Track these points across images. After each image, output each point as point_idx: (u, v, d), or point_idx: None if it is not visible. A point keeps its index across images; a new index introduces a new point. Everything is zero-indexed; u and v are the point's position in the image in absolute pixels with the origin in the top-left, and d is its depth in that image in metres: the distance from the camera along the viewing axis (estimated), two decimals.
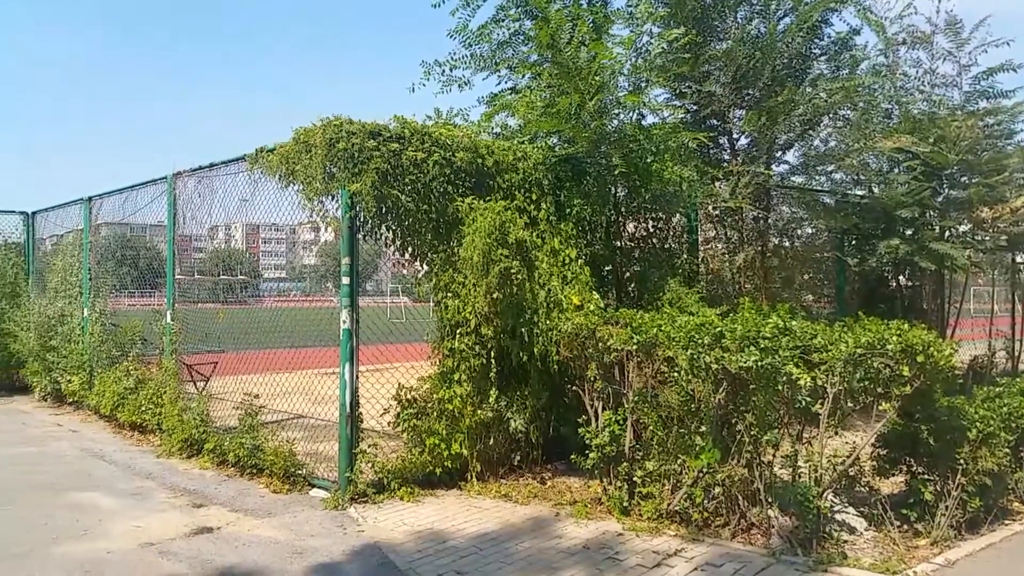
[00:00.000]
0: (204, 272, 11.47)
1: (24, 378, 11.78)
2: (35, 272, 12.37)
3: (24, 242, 12.82)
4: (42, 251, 12.70)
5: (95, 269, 10.19)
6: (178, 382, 8.20)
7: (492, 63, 7.92)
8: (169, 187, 8.37)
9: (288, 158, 6.32)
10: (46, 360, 10.86)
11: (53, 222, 12.13)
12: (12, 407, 11.03)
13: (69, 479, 6.86)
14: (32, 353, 11.21)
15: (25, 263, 12.64)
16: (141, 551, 4.98)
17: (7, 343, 11.78)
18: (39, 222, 12.69)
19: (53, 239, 12.50)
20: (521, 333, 6.35)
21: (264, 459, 6.61)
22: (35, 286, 12.08)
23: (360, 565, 4.74)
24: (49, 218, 12.26)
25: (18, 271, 12.49)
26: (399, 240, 6.35)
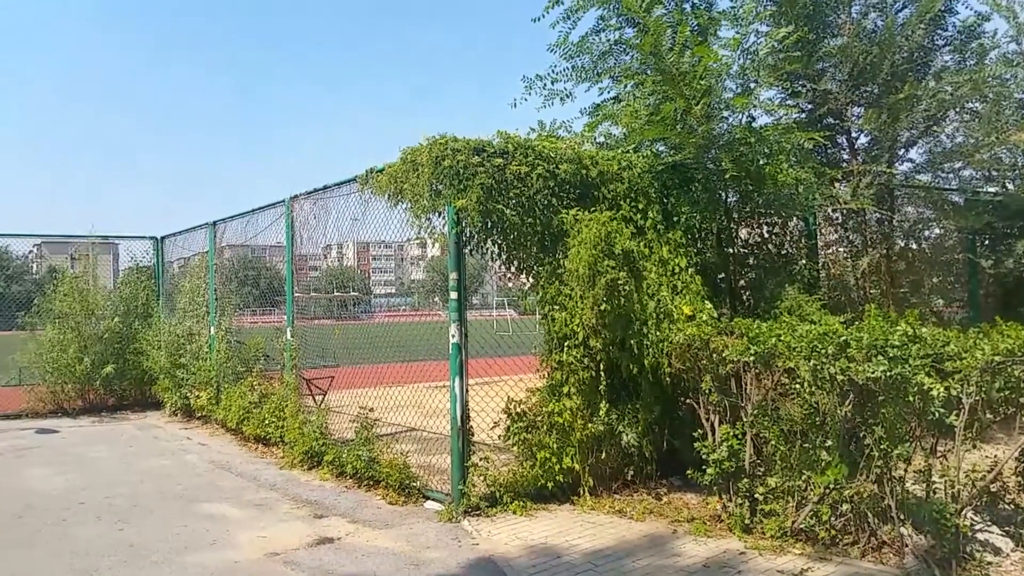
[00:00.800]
0: (319, 290, 11.99)
1: (156, 394, 12.62)
2: (165, 293, 13.28)
3: (154, 265, 13.80)
4: (170, 273, 13.61)
5: (220, 289, 10.83)
6: (298, 396, 8.60)
7: (594, 74, 7.94)
8: (287, 209, 8.82)
9: (396, 177, 6.53)
10: (176, 376, 11.61)
11: (180, 246, 13.00)
12: (146, 421, 11.85)
13: (199, 490, 7.29)
14: (163, 370, 12.01)
15: (155, 285, 13.59)
16: (267, 561, 5.22)
17: (140, 361, 12.67)
18: (167, 246, 13.62)
19: (180, 262, 13.39)
20: (631, 345, 6.30)
21: (380, 471, 6.82)
22: (165, 307, 12.96)
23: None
24: (177, 242, 13.15)
25: (149, 293, 13.45)
26: (505, 254, 6.45)
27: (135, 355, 12.72)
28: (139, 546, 5.56)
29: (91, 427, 11.44)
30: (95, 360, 12.50)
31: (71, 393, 12.67)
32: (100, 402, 12.89)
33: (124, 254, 14.48)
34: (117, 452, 9.34)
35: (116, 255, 18.17)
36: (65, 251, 15.07)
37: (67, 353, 12.37)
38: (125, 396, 13.07)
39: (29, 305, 13.56)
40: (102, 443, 9.99)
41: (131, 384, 12.97)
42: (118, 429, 11.20)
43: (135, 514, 6.44)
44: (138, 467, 8.41)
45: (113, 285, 14.76)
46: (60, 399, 12.64)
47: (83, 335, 12.61)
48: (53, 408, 12.59)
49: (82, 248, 14.14)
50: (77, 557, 5.31)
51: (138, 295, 13.29)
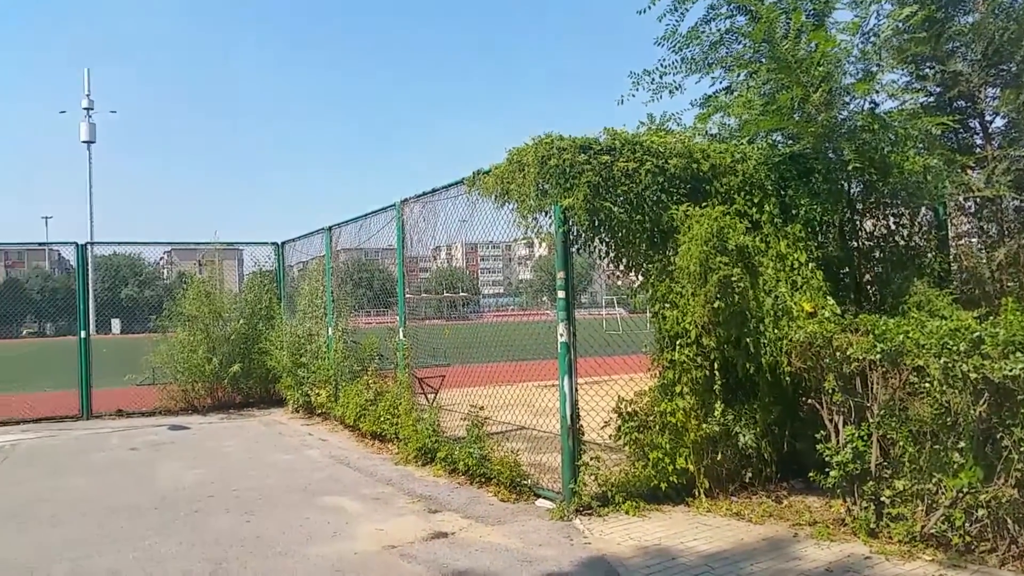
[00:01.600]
0: (429, 291, 12.34)
1: (279, 391, 13.35)
2: (286, 296, 14.01)
3: (276, 269, 14.58)
4: (291, 277, 14.35)
5: (336, 292, 11.34)
6: (411, 394, 8.90)
7: (704, 65, 7.82)
8: (398, 213, 9.15)
9: (502, 178, 6.66)
10: (297, 375, 12.24)
11: (300, 250, 13.69)
12: (270, 418, 12.54)
13: (320, 484, 7.66)
14: (285, 369, 12.68)
15: (277, 288, 14.36)
16: (384, 553, 5.43)
17: (264, 360, 13.42)
18: (287, 251, 14.37)
19: (299, 265, 14.09)
20: (746, 343, 6.19)
21: (491, 468, 6.98)
22: (286, 308, 13.68)
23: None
24: (296, 247, 13.85)
25: (271, 296, 14.23)
26: (613, 252, 6.46)
27: (260, 355, 13.50)
28: (265, 537, 5.89)
29: (220, 423, 12.22)
30: (223, 360, 13.35)
31: (201, 391, 13.58)
32: (228, 400, 13.75)
33: (248, 259, 15.42)
34: (244, 447, 9.94)
35: (240, 260, 19.35)
36: (193, 257, 16.13)
37: (196, 354, 13.26)
38: (251, 394, 13.90)
39: (161, 309, 14.61)
40: (230, 439, 10.66)
41: (256, 382, 13.78)
42: (245, 425, 11.92)
43: (261, 506, 6.83)
44: (263, 461, 8.92)
45: (238, 289, 15.70)
46: (191, 397, 13.57)
47: (211, 336, 13.49)
48: (184, 406, 13.52)
49: (209, 254, 15.12)
50: (208, 547, 5.68)
51: (261, 298, 14.09)
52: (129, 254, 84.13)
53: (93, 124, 44.13)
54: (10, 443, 10.76)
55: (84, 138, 45.11)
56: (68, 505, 7.03)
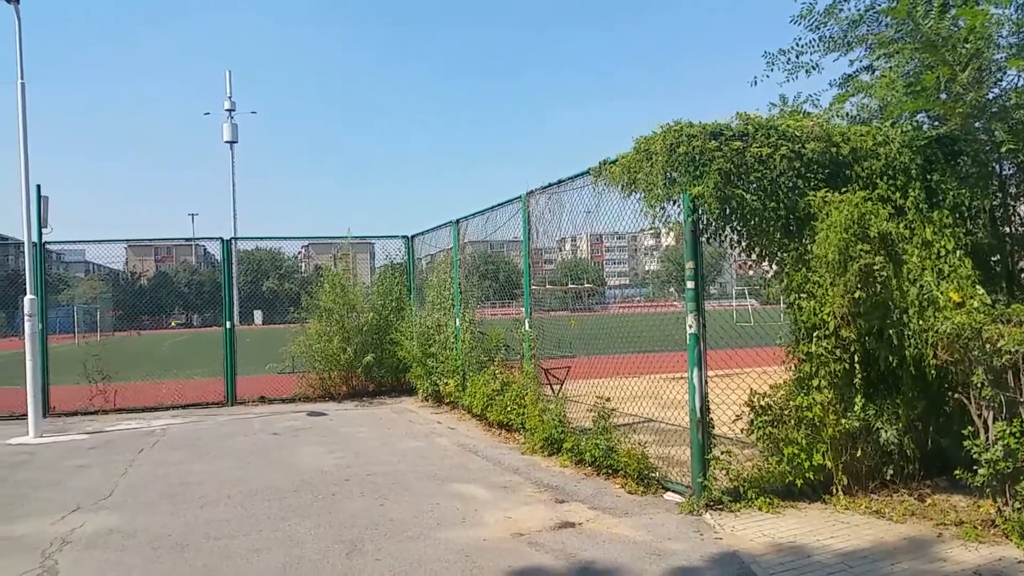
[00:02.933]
0: (554, 282, 12.49)
1: (409, 381, 13.92)
2: (415, 288, 14.55)
3: (405, 262, 15.16)
4: (419, 269, 14.89)
5: (463, 283, 11.68)
6: (537, 385, 9.08)
7: (843, 43, 7.51)
8: (523, 205, 9.33)
9: (630, 167, 6.68)
10: (427, 365, 12.72)
11: (428, 243, 14.17)
12: (401, 406, 13.10)
13: (449, 471, 7.97)
14: (415, 359, 13.20)
15: (407, 280, 14.93)
16: (512, 540, 5.60)
17: (395, 350, 14.03)
18: (416, 244, 14.91)
19: (427, 258, 14.60)
20: (889, 335, 5.96)
21: (618, 460, 7.05)
22: (416, 300, 14.22)
23: (719, 573, 4.84)
24: (425, 240, 14.34)
25: (401, 288, 14.83)
26: (745, 241, 6.37)
27: (391, 345, 14.12)
28: (398, 521, 6.19)
29: (354, 410, 12.88)
30: (356, 350, 14.07)
31: (336, 380, 14.37)
32: (361, 388, 14.47)
33: (379, 252, 16.11)
34: (377, 434, 10.45)
35: (372, 253, 20.21)
36: (329, 251, 16.96)
37: (332, 344, 14.03)
38: (383, 383, 14.57)
39: (299, 301, 15.51)
40: (364, 425, 11.23)
41: (388, 372, 14.44)
42: (377, 413, 12.51)
43: (394, 491, 7.18)
44: (395, 448, 9.36)
45: (370, 281, 16.43)
46: (327, 385, 14.37)
47: (345, 327, 14.22)
48: (321, 393, 14.34)
49: (343, 248, 15.90)
50: (344, 529, 6.03)
51: (392, 290, 14.72)
52: (270, 248, 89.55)
53: (235, 125, 47.26)
54: (162, 427, 11.77)
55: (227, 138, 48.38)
56: (215, 487, 7.63)
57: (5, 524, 6.51)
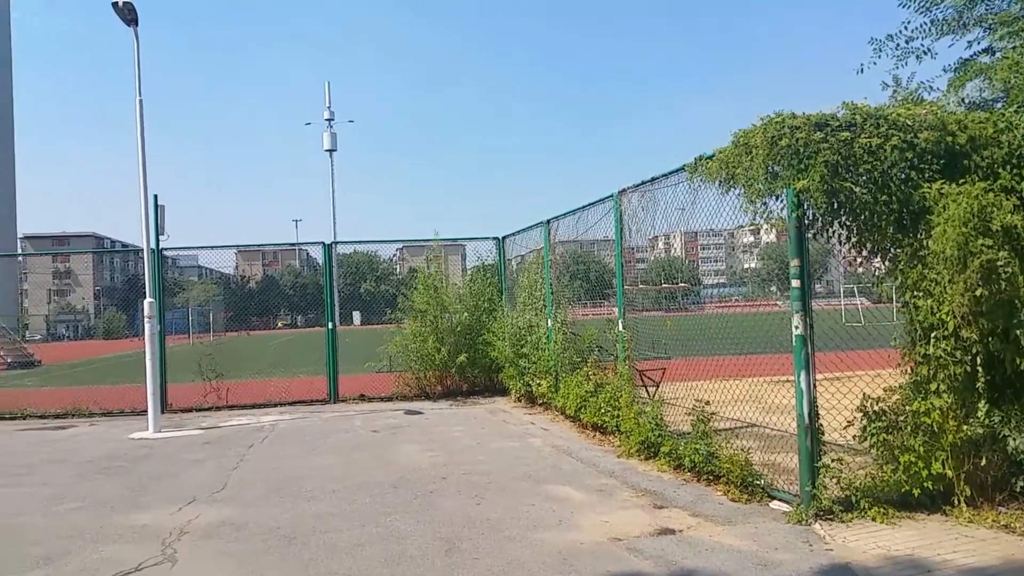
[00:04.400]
0: (647, 282, 12.18)
1: (502, 381, 13.86)
2: (506, 288, 14.50)
3: (497, 263, 15.13)
4: (510, 270, 14.83)
5: (555, 284, 11.53)
6: (632, 387, 8.83)
7: (958, 25, 6.99)
8: (615, 204, 9.11)
9: (728, 162, 6.39)
10: (519, 365, 12.63)
11: (519, 244, 14.09)
12: (495, 406, 13.05)
13: (544, 472, 7.83)
14: (507, 359, 13.13)
15: (498, 281, 14.89)
16: (610, 545, 5.41)
17: (488, 351, 14.00)
18: (507, 245, 14.85)
19: (518, 259, 14.53)
20: (1016, 336, 5.45)
21: (720, 466, 6.74)
22: (507, 301, 14.16)
23: None
24: (516, 241, 14.27)
25: (493, 288, 14.80)
26: (854, 236, 5.98)
27: (484, 345, 14.10)
28: (494, 520, 6.10)
29: (449, 410, 12.92)
30: (450, 350, 14.12)
31: (432, 379, 14.47)
32: (455, 387, 14.53)
33: (471, 253, 16.17)
34: (471, 433, 10.42)
35: (464, 255, 20.34)
36: (422, 253, 17.17)
37: (427, 344, 14.14)
38: (476, 383, 14.58)
39: (395, 302, 15.73)
40: (459, 424, 11.23)
41: (481, 372, 14.44)
42: (471, 412, 12.50)
43: (489, 491, 7.10)
44: (489, 447, 9.29)
45: (462, 282, 16.50)
46: (423, 384, 14.50)
47: (439, 328, 14.31)
48: (417, 392, 14.47)
49: (435, 250, 16.02)
50: (443, 526, 5.99)
51: (484, 291, 14.72)
52: (367, 252, 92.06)
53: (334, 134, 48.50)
54: (270, 423, 12.10)
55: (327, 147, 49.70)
56: (320, 482, 7.75)
57: (131, 513, 6.79)
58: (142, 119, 12.18)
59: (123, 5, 11.81)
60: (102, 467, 9.01)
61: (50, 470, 8.95)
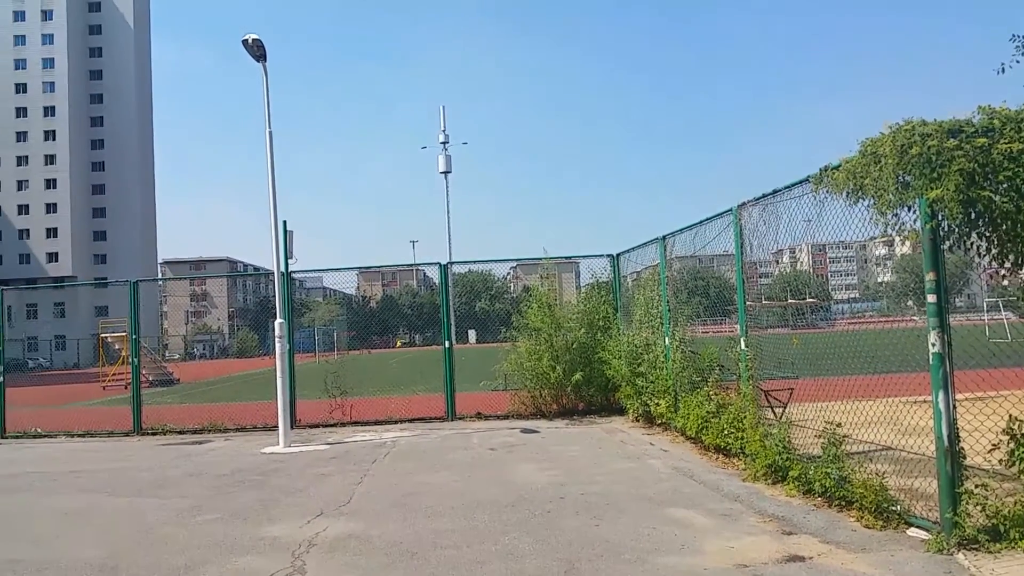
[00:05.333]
0: (771, 297, 11.85)
1: (619, 400, 13.78)
2: (622, 306, 14.43)
3: (612, 280, 15.09)
4: (625, 287, 14.75)
5: (672, 300, 11.40)
6: (756, 408, 8.60)
7: None
8: (734, 218, 8.93)
9: (855, 172, 6.17)
10: (636, 384, 12.52)
11: (634, 261, 14.02)
12: (611, 426, 12.98)
13: (664, 494, 7.72)
14: (624, 378, 13.05)
15: (613, 299, 14.84)
16: (734, 571, 5.27)
17: (604, 369, 13.94)
18: (622, 262, 14.79)
19: (633, 276, 14.45)
20: None
21: (852, 491, 6.46)
22: (622, 318, 14.08)
23: None
24: (631, 257, 14.20)
25: (608, 306, 14.75)
26: (996, 248, 5.62)
27: (599, 364, 14.06)
28: (613, 543, 6.07)
29: (565, 429, 12.96)
30: (565, 368, 14.17)
31: (547, 398, 14.56)
32: (571, 406, 14.56)
33: (584, 271, 16.20)
34: (588, 453, 10.42)
35: (577, 272, 20.42)
36: (535, 272, 17.40)
37: (542, 362, 14.24)
38: (592, 401, 14.55)
39: (509, 320, 15.95)
40: (575, 444, 11.24)
41: (597, 391, 14.39)
42: (588, 432, 12.49)
43: (608, 512, 7.07)
44: (607, 468, 9.25)
45: (576, 300, 16.55)
46: (538, 403, 14.60)
47: (554, 346, 14.39)
48: (533, 411, 14.58)
49: (549, 268, 16.16)
50: (561, 547, 6.00)
51: (599, 308, 14.69)
52: (481, 271, 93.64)
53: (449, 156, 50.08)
54: (391, 439, 12.52)
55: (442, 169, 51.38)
56: (439, 498, 7.95)
57: (263, 526, 7.19)
58: (272, 150, 12.98)
59: (252, 42, 12.67)
60: (236, 480, 9.58)
61: (189, 483, 9.60)
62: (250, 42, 12.65)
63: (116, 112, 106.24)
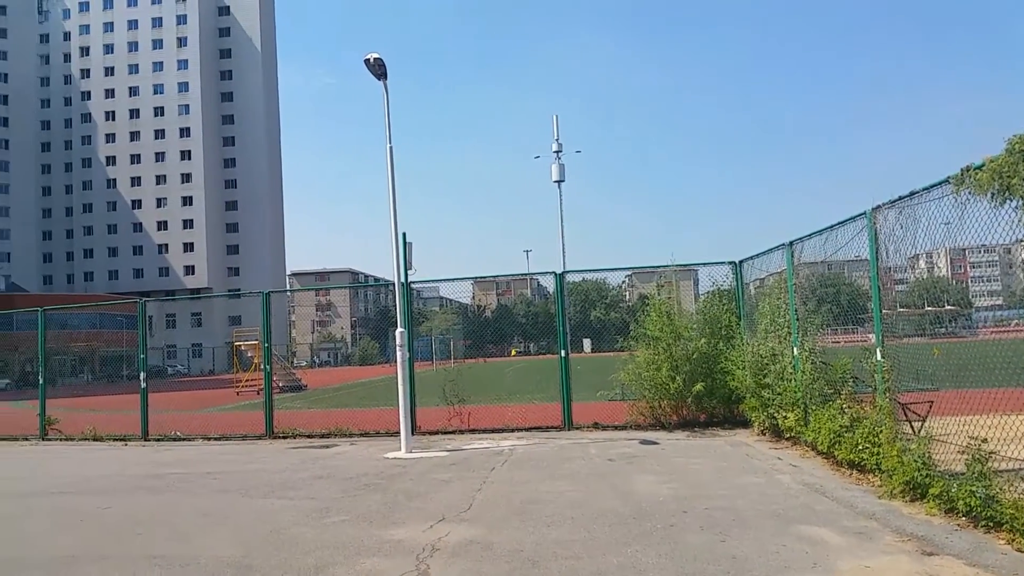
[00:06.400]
0: (907, 305, 11.26)
1: (743, 412, 13.42)
2: (745, 315, 14.06)
3: (734, 288, 14.72)
4: (748, 295, 14.37)
5: (800, 309, 11.02)
6: (893, 421, 8.20)
7: None
8: (868, 222, 8.57)
9: (1001, 172, 5.86)
10: (761, 396, 12.16)
11: (758, 268, 13.65)
12: (735, 439, 12.66)
13: (794, 511, 7.47)
14: (748, 389, 12.70)
15: (736, 307, 14.47)
16: None
17: (726, 380, 13.62)
18: (745, 269, 14.42)
19: (756, 283, 14.06)
20: None
21: (1002, 512, 6.07)
22: (746, 327, 13.72)
23: None
24: (754, 264, 13.83)
25: (731, 315, 14.38)
26: None
27: (721, 374, 13.74)
28: (740, 559, 5.93)
29: (686, 441, 12.74)
30: (685, 379, 13.92)
31: (667, 409, 14.34)
32: (692, 418, 14.28)
33: (704, 279, 15.91)
34: (712, 466, 10.20)
35: (696, 280, 20.09)
36: (651, 280, 17.24)
37: (661, 372, 14.04)
38: (714, 413, 14.23)
39: (624, 329, 15.82)
40: (697, 457, 11.04)
41: (719, 402, 14.07)
42: (710, 444, 12.24)
43: (734, 527, 6.91)
44: (732, 482, 9.04)
45: (694, 309, 16.27)
46: (657, 414, 14.41)
47: (673, 356, 14.15)
48: (652, 422, 14.40)
49: (666, 276, 15.95)
50: (686, 562, 5.92)
51: (720, 317, 14.36)
52: (595, 279, 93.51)
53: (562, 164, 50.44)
54: (509, 447, 12.69)
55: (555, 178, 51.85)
56: (558, 508, 7.99)
57: (387, 528, 7.48)
58: (392, 165, 13.47)
59: (374, 61, 13.22)
60: (361, 484, 9.98)
61: (317, 485, 10.07)
62: (371, 61, 13.19)
63: (246, 131, 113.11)
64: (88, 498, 10.09)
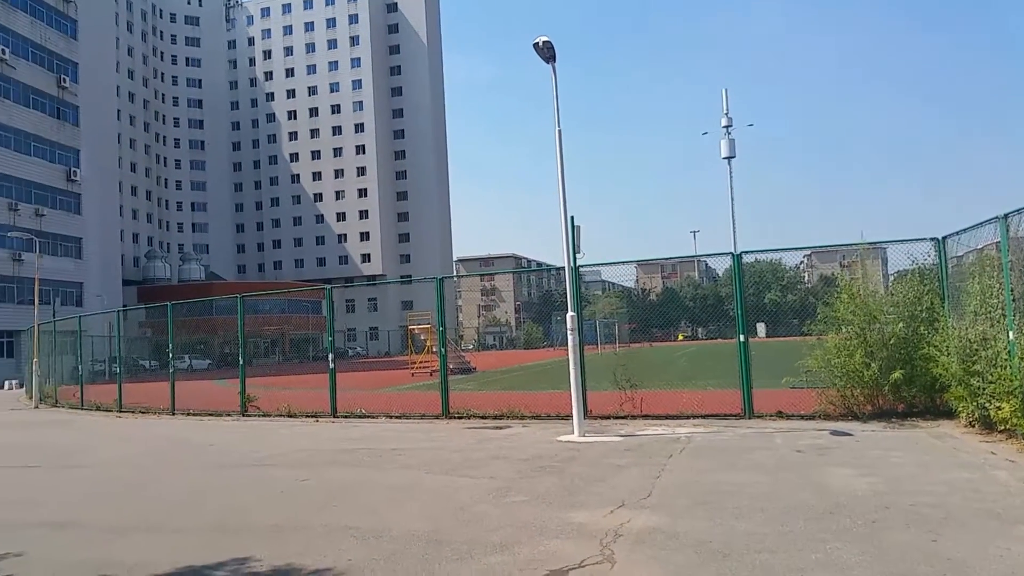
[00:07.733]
0: None
1: (947, 402, 12.27)
2: (949, 296, 12.82)
3: (937, 267, 13.44)
4: (952, 274, 13.06)
5: (1017, 289, 9.90)
6: None
7: None
8: None
9: None
10: (969, 385, 11.06)
11: (964, 244, 12.40)
12: (939, 431, 11.62)
13: (1016, 511, 6.75)
14: (954, 377, 11.59)
15: (939, 287, 13.22)
16: None
17: (928, 367, 12.47)
18: (950, 246, 13.12)
19: (953, 260, 12.81)
20: None
21: None
22: (951, 310, 12.52)
23: None
24: (960, 240, 12.56)
25: (932, 296, 13.16)
26: None
27: (922, 361, 12.61)
28: (957, 562, 5.43)
29: (882, 432, 11.84)
30: (881, 366, 12.88)
31: (859, 398, 13.35)
32: (889, 408, 13.24)
33: (894, 257, 14.61)
34: (913, 459, 9.42)
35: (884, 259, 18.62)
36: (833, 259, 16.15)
37: (853, 359, 13.05)
38: (913, 403, 13.11)
39: (803, 313, 14.88)
40: (896, 449, 10.22)
41: (920, 391, 12.92)
42: (910, 436, 11.31)
43: (946, 527, 6.34)
44: (939, 478, 8.29)
45: (884, 290, 15.06)
46: (849, 403, 13.43)
47: (867, 341, 13.14)
48: (842, 411, 13.47)
49: (852, 255, 14.86)
50: (894, 562, 5.49)
51: (921, 299, 13.18)
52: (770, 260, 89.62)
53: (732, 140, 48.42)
54: (686, 435, 12.33)
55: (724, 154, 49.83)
56: (745, 499, 7.63)
57: (567, 511, 7.47)
58: (561, 149, 13.41)
59: (543, 44, 13.19)
60: (537, 466, 10.04)
61: (495, 465, 10.25)
62: (540, 45, 13.17)
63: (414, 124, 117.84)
64: (287, 470, 10.84)
